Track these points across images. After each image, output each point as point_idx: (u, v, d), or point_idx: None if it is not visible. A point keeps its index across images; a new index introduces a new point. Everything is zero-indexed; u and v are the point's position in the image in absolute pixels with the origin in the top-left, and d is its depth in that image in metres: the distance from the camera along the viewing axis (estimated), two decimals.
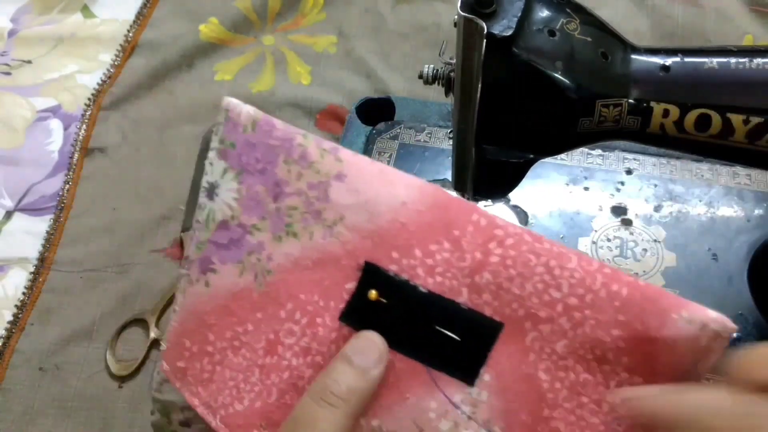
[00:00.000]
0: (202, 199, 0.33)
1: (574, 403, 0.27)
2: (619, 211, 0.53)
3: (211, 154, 0.33)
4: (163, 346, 0.34)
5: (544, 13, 0.35)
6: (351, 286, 0.30)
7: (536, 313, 0.27)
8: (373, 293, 0.29)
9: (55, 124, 0.65)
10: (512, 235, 0.28)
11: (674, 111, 0.36)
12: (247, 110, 0.33)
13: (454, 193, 0.32)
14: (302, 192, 0.31)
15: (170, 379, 0.33)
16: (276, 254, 0.31)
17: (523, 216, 0.52)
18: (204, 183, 0.33)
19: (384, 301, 0.29)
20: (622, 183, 0.54)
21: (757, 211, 0.52)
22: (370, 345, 0.29)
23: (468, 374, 0.28)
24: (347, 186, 0.30)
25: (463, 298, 0.29)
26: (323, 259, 0.31)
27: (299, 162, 0.31)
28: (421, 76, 0.41)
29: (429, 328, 0.29)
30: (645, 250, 0.51)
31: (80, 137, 0.63)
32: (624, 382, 0.26)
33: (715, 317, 0.25)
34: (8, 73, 0.68)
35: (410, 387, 0.29)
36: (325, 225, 0.30)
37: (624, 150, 0.56)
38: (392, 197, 0.29)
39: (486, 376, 0.28)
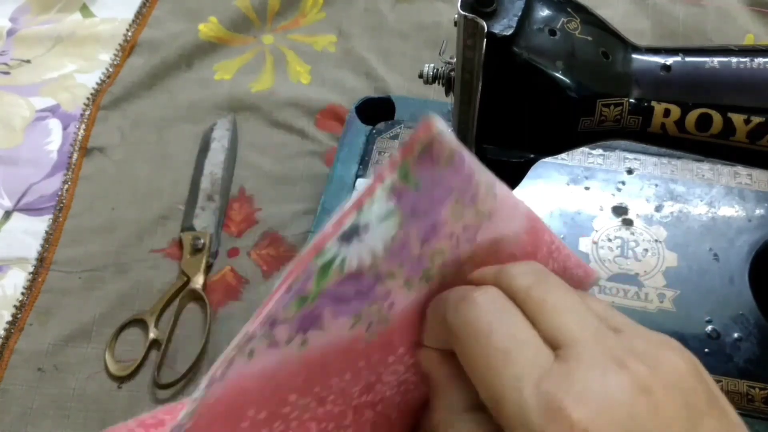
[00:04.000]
0: (329, 242, 0.24)
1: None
2: (620, 210, 0.53)
3: (379, 191, 0.23)
4: (186, 421, 0.24)
5: (544, 12, 0.35)
6: None
7: None
8: None
9: (54, 124, 0.65)
10: (558, 249, 0.29)
11: (675, 110, 0.36)
12: (451, 140, 0.24)
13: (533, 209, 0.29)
14: (454, 234, 0.26)
15: None
16: (399, 301, 0.26)
17: None
18: (347, 225, 0.24)
19: None
20: (623, 183, 0.54)
21: (759, 211, 0.52)
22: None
23: None
24: (493, 225, 0.27)
25: None
26: (436, 294, 0.27)
27: (468, 202, 0.25)
28: (421, 76, 0.41)
29: None
30: (646, 250, 0.51)
31: (79, 137, 0.63)
32: None
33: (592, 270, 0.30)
34: (7, 73, 0.68)
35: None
36: (457, 264, 0.27)
37: (625, 150, 0.55)
38: (513, 231, 0.28)
39: None
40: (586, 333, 0.22)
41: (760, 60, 0.36)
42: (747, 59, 0.36)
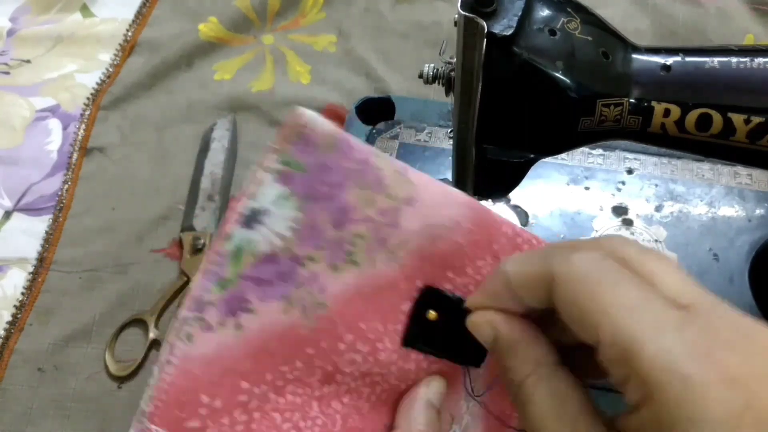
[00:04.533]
0: (231, 227, 0.27)
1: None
2: (620, 211, 0.53)
3: (265, 177, 0.27)
4: (147, 406, 0.26)
5: (544, 12, 0.35)
6: (406, 307, 0.30)
7: None
8: (432, 314, 0.30)
9: (54, 124, 0.65)
10: (527, 242, 0.30)
11: (675, 110, 0.36)
12: (324, 126, 0.27)
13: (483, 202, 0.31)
14: (371, 219, 0.28)
15: None
16: (330, 285, 0.28)
17: (523, 216, 0.52)
18: (239, 209, 0.27)
19: (440, 319, 0.30)
20: (623, 183, 0.54)
21: (759, 211, 0.52)
22: (443, 387, 0.30)
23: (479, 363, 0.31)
24: (416, 210, 0.28)
25: None
26: (382, 285, 0.29)
27: (373, 186, 0.28)
28: (421, 76, 0.41)
29: (468, 336, 0.30)
30: None
31: (79, 137, 0.63)
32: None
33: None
34: (7, 73, 0.68)
35: (452, 386, 0.31)
36: (388, 251, 0.28)
37: (625, 150, 0.55)
38: (450, 218, 0.29)
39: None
40: (708, 297, 0.22)
41: (760, 60, 0.36)
42: (747, 59, 0.36)
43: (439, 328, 0.30)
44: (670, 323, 0.21)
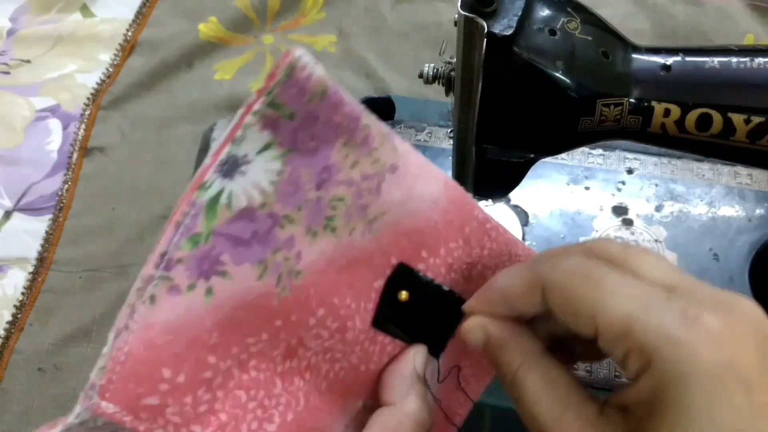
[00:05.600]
0: (210, 174, 0.23)
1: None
2: (620, 210, 0.53)
3: (249, 119, 0.23)
4: (99, 378, 0.22)
5: (544, 12, 0.35)
6: (379, 284, 0.28)
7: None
8: (404, 294, 0.29)
9: (54, 124, 0.65)
10: (494, 228, 0.30)
11: (675, 110, 0.36)
12: (320, 73, 0.24)
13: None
14: (354, 182, 0.26)
15: (122, 423, 0.23)
16: (307, 252, 0.25)
17: (523, 216, 0.52)
18: (223, 156, 0.23)
19: (411, 301, 0.29)
20: (623, 183, 0.54)
21: (759, 211, 0.52)
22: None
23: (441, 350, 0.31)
24: (398, 180, 0.27)
25: (459, 287, 0.30)
26: (358, 257, 0.27)
27: (360, 147, 0.25)
28: (421, 76, 0.41)
29: (443, 323, 0.30)
30: None
31: (79, 137, 0.63)
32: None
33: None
34: (7, 73, 0.68)
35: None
36: (366, 220, 0.26)
37: (625, 149, 0.55)
38: (429, 194, 0.28)
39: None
40: (691, 278, 0.25)
41: (760, 60, 0.36)
42: (747, 59, 0.36)
43: (408, 310, 0.29)
44: (659, 298, 0.23)
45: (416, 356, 0.29)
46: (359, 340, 0.28)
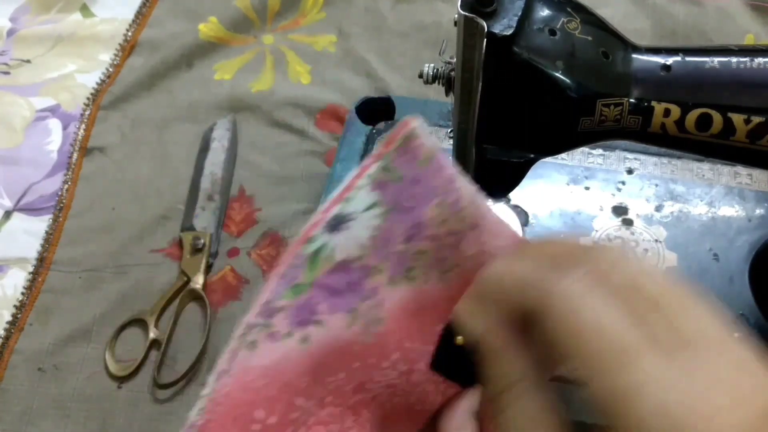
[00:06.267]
0: (317, 230, 0.26)
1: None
2: (620, 210, 0.53)
3: (363, 182, 0.26)
4: (198, 418, 0.24)
5: (544, 12, 0.35)
6: (439, 327, 0.29)
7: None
8: (460, 339, 0.28)
9: (54, 124, 0.65)
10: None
11: (675, 110, 0.36)
12: (431, 142, 0.27)
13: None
14: (438, 237, 0.27)
15: None
16: (388, 299, 0.27)
17: (523, 216, 0.52)
18: (334, 213, 0.26)
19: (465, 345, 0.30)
20: (623, 183, 0.54)
21: (759, 211, 0.52)
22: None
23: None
24: (477, 237, 0.27)
25: None
26: (426, 304, 0.28)
27: (451, 207, 0.27)
28: (421, 76, 0.41)
29: None
30: (646, 250, 0.51)
31: (79, 137, 0.63)
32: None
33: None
34: (7, 73, 0.68)
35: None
36: (441, 271, 0.28)
37: (625, 149, 0.55)
38: (498, 249, 0.28)
39: None
40: (709, 335, 0.21)
41: (760, 60, 0.36)
42: (747, 59, 0.36)
43: (464, 354, 0.29)
44: (654, 378, 0.20)
45: (473, 396, 0.29)
46: (421, 381, 0.29)
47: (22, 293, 0.55)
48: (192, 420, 0.24)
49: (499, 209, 0.52)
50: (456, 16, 0.34)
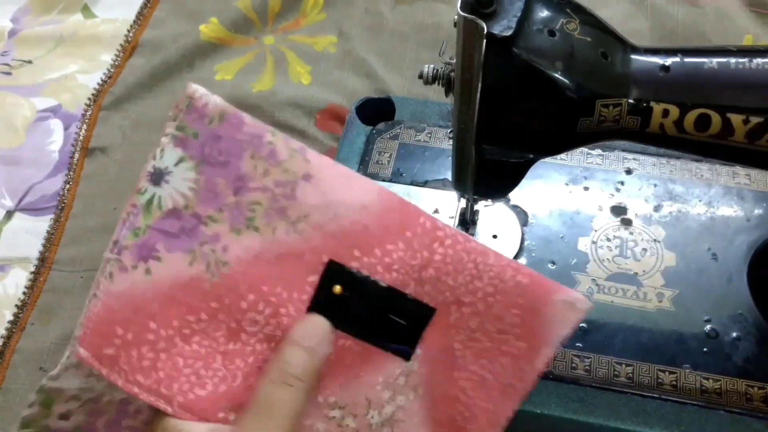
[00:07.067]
0: (144, 183, 0.32)
1: (476, 366, 0.34)
2: (618, 210, 0.53)
3: (165, 140, 0.32)
4: (79, 331, 0.31)
5: (544, 13, 0.35)
6: (313, 279, 0.33)
7: (462, 299, 0.34)
8: (338, 288, 0.33)
9: (56, 124, 0.65)
10: (450, 236, 0.33)
11: (674, 111, 0.37)
12: (215, 101, 0.32)
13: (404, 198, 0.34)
14: (268, 189, 0.32)
15: (92, 366, 0.31)
16: (233, 246, 0.32)
17: (523, 216, 0.52)
18: (149, 168, 0.32)
19: (347, 294, 0.33)
20: (622, 183, 0.54)
21: (757, 211, 0.52)
22: (315, 327, 0.32)
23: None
24: (314, 187, 0.32)
25: (410, 289, 0.33)
26: (285, 253, 0.32)
27: (267, 159, 0.32)
28: (421, 76, 0.41)
29: (383, 316, 0.33)
30: (645, 249, 0.51)
31: (81, 137, 0.63)
32: (512, 346, 0.34)
33: (580, 297, 0.33)
34: (9, 73, 0.68)
35: (364, 367, 0.34)
36: (288, 222, 0.32)
37: (624, 150, 0.56)
38: (355, 200, 0.32)
39: (419, 350, 0.34)
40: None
41: (759, 60, 0.36)
42: (746, 60, 0.36)
43: (347, 304, 0.33)
44: None
45: (299, 326, 0.33)
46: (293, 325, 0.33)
47: (24, 293, 0.56)
48: (75, 333, 0.31)
49: (498, 209, 0.52)
50: (456, 17, 0.34)
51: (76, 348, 0.31)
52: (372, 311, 0.33)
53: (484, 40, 0.33)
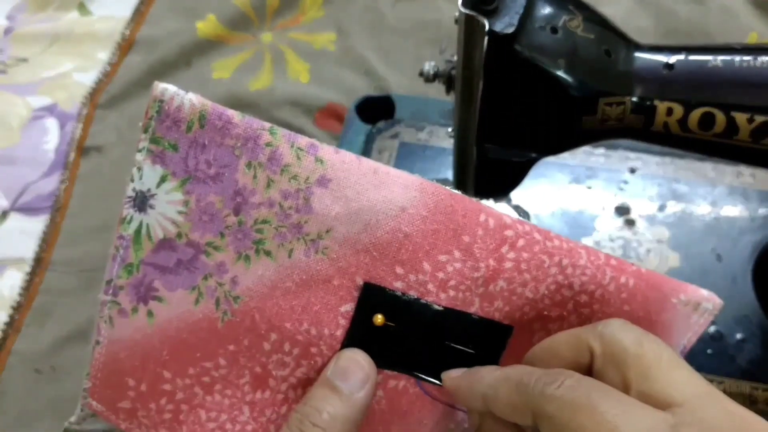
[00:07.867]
0: (127, 210, 0.26)
1: None
2: (622, 210, 0.52)
3: (139, 157, 0.26)
4: (86, 383, 0.27)
5: (546, 10, 0.35)
6: (347, 308, 0.27)
7: (547, 314, 0.27)
8: (379, 318, 0.27)
9: (51, 123, 0.64)
10: (523, 235, 0.26)
11: (678, 109, 0.36)
12: (191, 100, 0.26)
13: (455, 190, 0.27)
14: (274, 202, 0.26)
15: (109, 420, 0.27)
16: (243, 277, 0.26)
17: (525, 216, 0.52)
18: (128, 191, 0.26)
19: (391, 324, 0.27)
20: (626, 182, 0.54)
21: (762, 211, 0.52)
22: (354, 365, 0.26)
23: None
24: (333, 193, 0.25)
25: (475, 307, 0.27)
26: (308, 280, 0.26)
27: (268, 166, 0.25)
28: (421, 74, 0.41)
29: (442, 346, 0.27)
30: (648, 250, 0.50)
31: (76, 136, 0.63)
32: None
33: (707, 296, 0.27)
34: (4, 72, 0.68)
35: (427, 412, 0.28)
36: (307, 240, 0.26)
37: (627, 149, 0.55)
38: (389, 202, 0.26)
39: None
40: (702, 387, 0.22)
41: (764, 58, 0.35)
42: (750, 58, 0.35)
43: (392, 335, 0.27)
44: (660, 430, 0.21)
45: (333, 361, 0.27)
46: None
47: (19, 294, 0.55)
48: (84, 384, 0.27)
49: (500, 209, 0.52)
50: (457, 14, 0.34)
51: (88, 401, 0.27)
52: (427, 342, 0.27)
53: (486, 38, 0.33)
